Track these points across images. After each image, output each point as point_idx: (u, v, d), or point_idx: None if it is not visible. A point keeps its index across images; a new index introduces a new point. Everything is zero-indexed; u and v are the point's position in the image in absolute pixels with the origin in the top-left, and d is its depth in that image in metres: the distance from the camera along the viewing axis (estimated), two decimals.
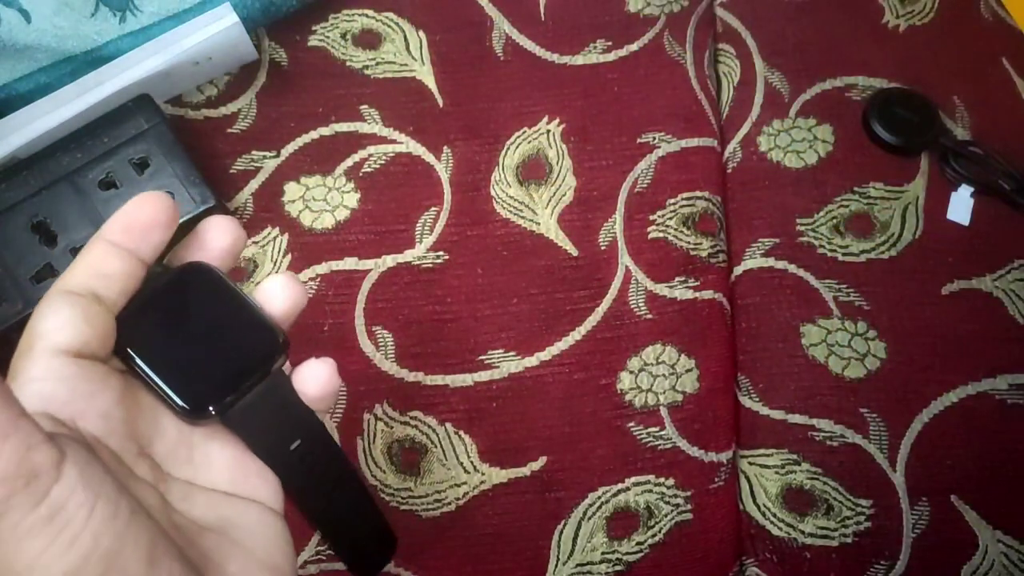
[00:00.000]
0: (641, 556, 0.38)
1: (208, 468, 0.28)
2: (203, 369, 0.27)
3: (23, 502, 0.20)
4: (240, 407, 0.27)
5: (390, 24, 0.43)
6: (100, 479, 0.21)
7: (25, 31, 0.37)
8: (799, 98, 0.43)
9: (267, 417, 0.28)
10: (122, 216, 0.27)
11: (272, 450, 0.28)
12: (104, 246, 0.26)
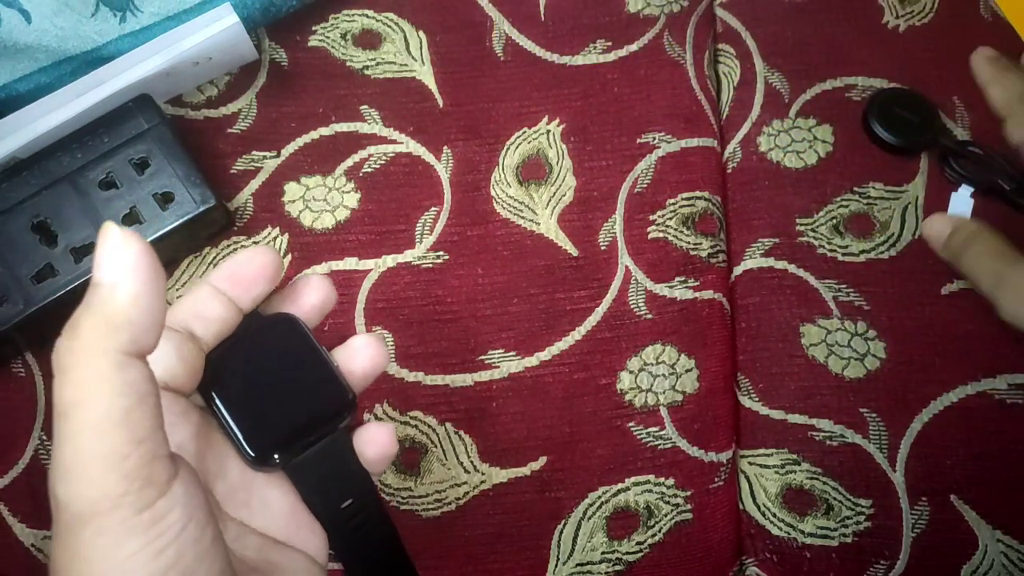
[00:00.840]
0: (641, 556, 0.38)
1: (264, 513, 0.29)
2: (274, 419, 0.28)
3: (133, 503, 0.21)
4: (302, 460, 0.28)
5: (390, 24, 0.43)
6: (197, 503, 0.23)
7: (25, 31, 0.37)
8: (799, 98, 0.43)
9: (325, 473, 0.29)
10: (231, 265, 0.29)
11: (324, 505, 0.29)
12: (209, 290, 0.28)
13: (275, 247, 0.40)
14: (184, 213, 0.37)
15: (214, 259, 0.40)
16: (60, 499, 0.22)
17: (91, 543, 0.22)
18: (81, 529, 0.22)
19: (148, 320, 0.22)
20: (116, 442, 0.21)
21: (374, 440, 0.30)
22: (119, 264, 0.22)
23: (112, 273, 0.22)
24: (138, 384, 0.22)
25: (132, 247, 0.22)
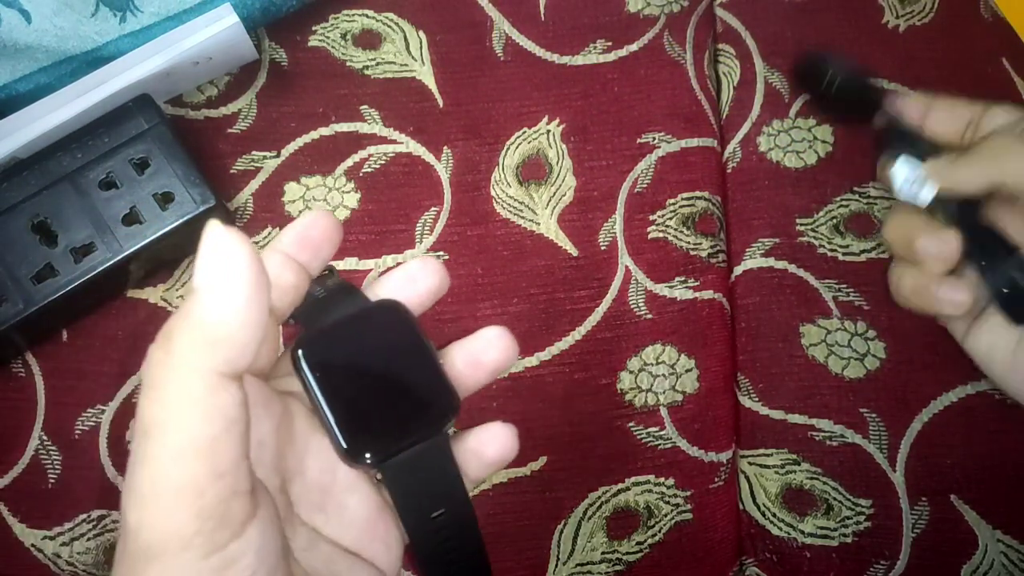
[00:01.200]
0: (641, 556, 0.38)
1: (339, 521, 0.27)
2: (373, 413, 0.26)
3: (203, 544, 0.19)
4: (397, 461, 0.26)
5: (390, 24, 0.43)
6: (271, 548, 0.21)
7: (25, 31, 0.37)
8: (799, 98, 0.43)
9: (420, 478, 0.27)
10: (297, 229, 0.27)
11: (415, 512, 0.27)
12: (280, 258, 0.26)
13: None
14: (184, 213, 0.37)
15: None
16: (131, 525, 0.20)
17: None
18: (147, 564, 0.20)
19: (248, 337, 0.20)
20: (195, 473, 0.19)
21: (497, 439, 0.28)
22: (221, 269, 0.19)
23: (213, 279, 0.19)
24: (228, 410, 0.20)
25: (236, 250, 0.19)
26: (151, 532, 0.20)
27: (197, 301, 0.20)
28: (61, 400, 0.39)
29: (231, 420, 0.20)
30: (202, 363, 0.19)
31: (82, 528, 0.38)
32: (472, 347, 0.29)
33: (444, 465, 0.27)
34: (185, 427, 0.19)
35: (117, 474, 0.38)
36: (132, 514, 0.20)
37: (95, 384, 0.39)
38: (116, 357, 0.39)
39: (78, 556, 0.37)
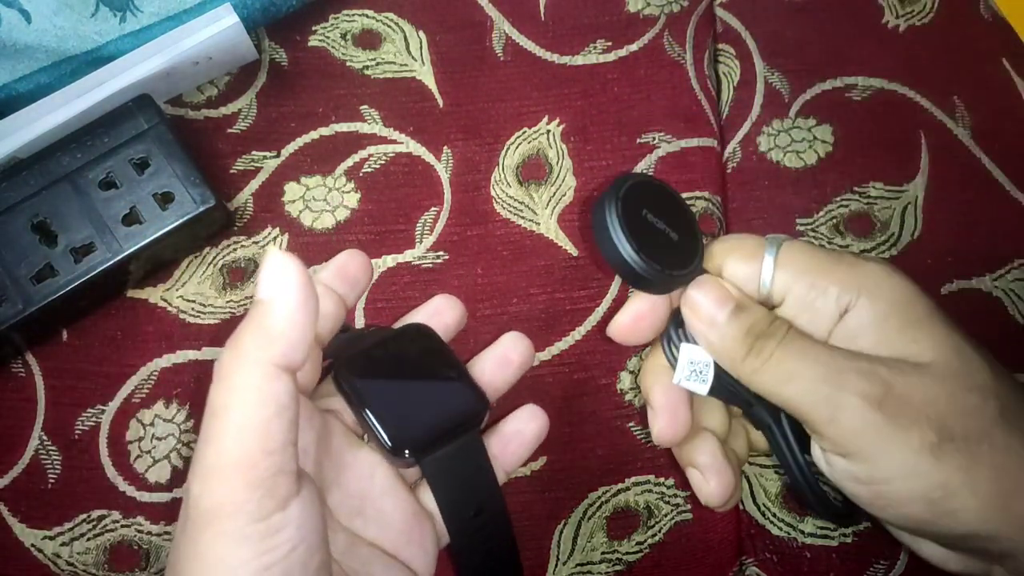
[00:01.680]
0: (641, 556, 0.38)
1: (377, 524, 0.30)
2: (412, 414, 0.29)
3: (252, 512, 0.23)
4: (437, 457, 0.29)
5: (390, 24, 0.43)
6: (312, 527, 0.24)
7: (25, 31, 0.37)
8: (799, 98, 0.43)
9: (457, 472, 0.30)
10: (336, 264, 0.33)
11: (454, 507, 0.30)
12: (322, 288, 0.31)
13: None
14: (184, 213, 0.37)
15: (214, 259, 0.40)
16: (193, 495, 0.23)
17: (210, 544, 0.23)
18: (204, 529, 0.23)
19: (299, 336, 0.24)
20: (250, 449, 0.23)
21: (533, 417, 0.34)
22: (277, 283, 0.24)
23: (271, 291, 0.24)
24: (280, 396, 0.23)
25: (290, 269, 0.24)
26: (210, 499, 0.23)
27: (259, 307, 0.24)
28: (61, 400, 0.39)
29: (282, 406, 0.23)
30: (261, 356, 0.23)
31: (82, 528, 0.38)
32: (497, 351, 0.35)
33: (479, 460, 0.31)
34: (245, 409, 0.23)
35: (117, 474, 0.38)
36: (196, 485, 0.23)
37: (95, 384, 0.39)
38: (116, 357, 0.39)
39: (78, 556, 0.37)
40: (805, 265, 0.33)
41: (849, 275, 0.32)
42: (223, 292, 0.40)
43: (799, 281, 0.33)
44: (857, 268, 0.32)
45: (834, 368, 0.31)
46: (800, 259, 0.33)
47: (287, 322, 0.23)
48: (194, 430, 0.39)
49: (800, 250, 0.33)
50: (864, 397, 0.30)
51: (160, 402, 0.39)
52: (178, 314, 0.39)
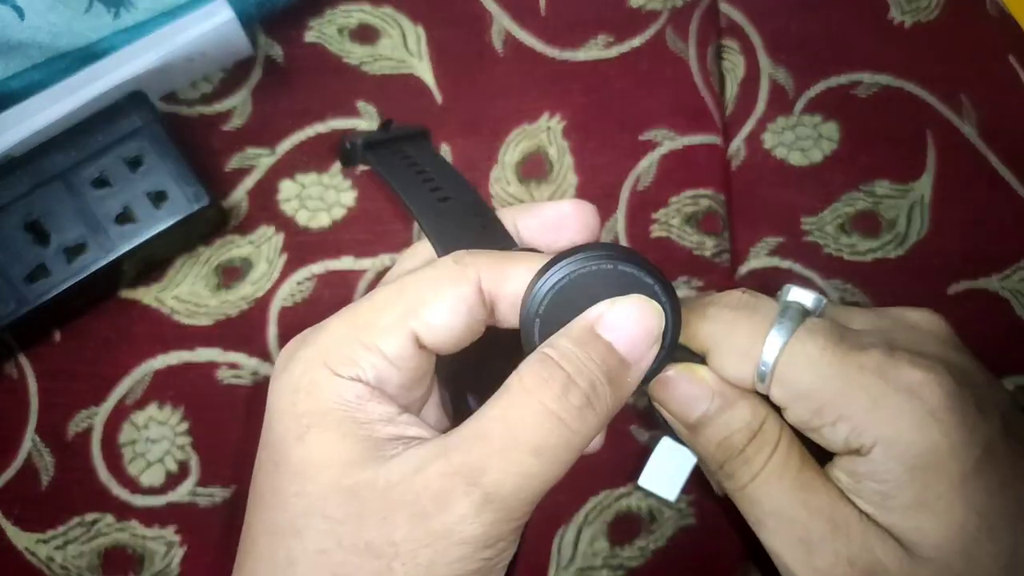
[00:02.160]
0: (643, 561, 0.37)
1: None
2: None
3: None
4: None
5: (387, 19, 0.42)
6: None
7: (19, 28, 0.37)
8: (804, 95, 0.42)
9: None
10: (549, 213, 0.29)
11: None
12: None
13: (271, 246, 0.40)
14: (178, 212, 0.36)
15: (208, 259, 0.40)
16: None
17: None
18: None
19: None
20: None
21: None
22: None
23: None
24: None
25: None
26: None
27: None
28: (54, 402, 0.38)
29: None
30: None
31: (75, 532, 0.37)
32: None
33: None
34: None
35: (110, 477, 0.38)
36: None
37: (88, 385, 0.38)
38: (109, 358, 0.38)
39: (72, 560, 0.37)
40: (813, 383, 0.26)
41: (869, 414, 0.25)
42: (217, 292, 0.39)
43: (802, 403, 0.26)
44: (883, 404, 0.25)
45: (821, 526, 0.26)
46: (807, 374, 0.26)
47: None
48: (189, 432, 0.38)
49: (811, 356, 0.26)
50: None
51: (154, 404, 0.38)
52: (171, 315, 0.39)
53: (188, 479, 0.38)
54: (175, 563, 0.37)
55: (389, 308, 0.23)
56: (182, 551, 0.37)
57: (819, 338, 0.26)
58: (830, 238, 0.41)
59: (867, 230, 0.41)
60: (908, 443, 0.24)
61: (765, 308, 0.27)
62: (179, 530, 0.37)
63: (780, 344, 0.26)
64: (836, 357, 0.25)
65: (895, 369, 0.25)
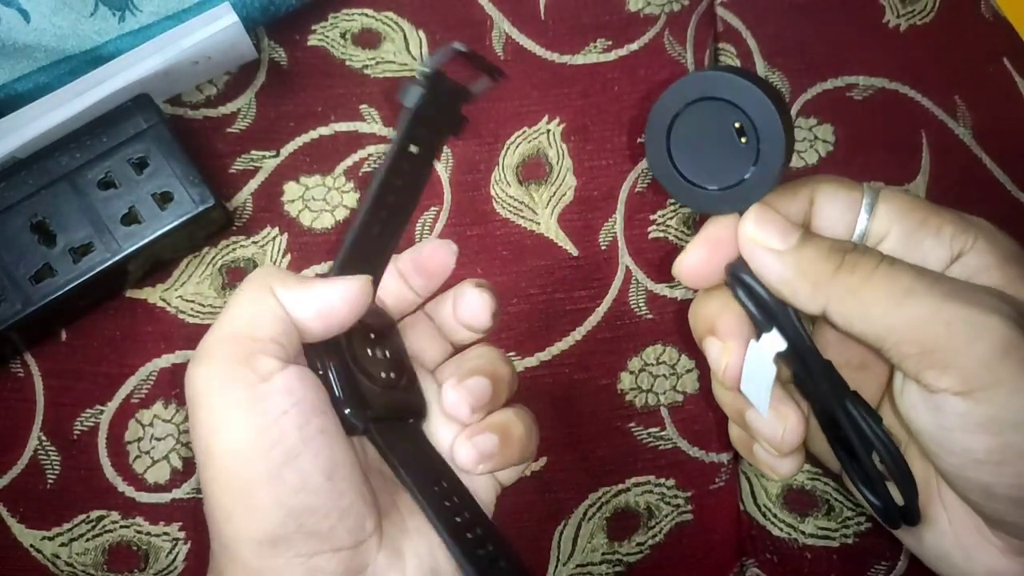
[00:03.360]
0: (641, 557, 0.38)
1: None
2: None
3: (239, 380, 0.25)
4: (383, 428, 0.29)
5: (390, 23, 0.43)
6: (299, 398, 0.26)
7: (24, 31, 0.37)
8: (800, 98, 0.43)
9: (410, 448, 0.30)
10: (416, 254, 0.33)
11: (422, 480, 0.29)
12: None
13: (275, 247, 0.40)
14: (183, 213, 0.37)
15: (213, 259, 0.40)
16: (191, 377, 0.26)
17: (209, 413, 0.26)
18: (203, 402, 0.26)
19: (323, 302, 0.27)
20: (237, 331, 0.26)
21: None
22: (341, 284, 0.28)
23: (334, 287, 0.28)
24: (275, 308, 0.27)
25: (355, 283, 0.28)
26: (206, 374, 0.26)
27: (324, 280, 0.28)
28: (60, 400, 0.39)
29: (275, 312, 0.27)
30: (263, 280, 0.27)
31: (81, 529, 0.37)
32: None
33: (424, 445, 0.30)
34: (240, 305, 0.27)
35: (116, 474, 0.38)
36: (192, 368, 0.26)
37: (94, 384, 0.39)
38: (115, 357, 0.39)
39: (77, 557, 0.37)
40: (911, 205, 0.29)
41: (962, 220, 0.29)
42: (222, 292, 0.40)
43: (906, 220, 0.29)
44: (966, 216, 0.30)
45: (963, 287, 0.27)
46: (905, 200, 0.30)
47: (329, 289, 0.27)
48: None
49: (902, 195, 0.30)
50: (1009, 320, 0.26)
51: (159, 402, 0.39)
52: (177, 314, 0.39)
53: (193, 476, 0.38)
54: (179, 559, 0.37)
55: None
56: (187, 548, 0.38)
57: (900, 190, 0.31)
58: None
59: None
60: (1001, 236, 0.29)
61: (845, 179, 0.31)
62: (184, 527, 0.38)
63: (875, 191, 0.30)
64: (919, 198, 0.30)
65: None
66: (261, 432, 0.25)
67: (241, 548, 0.26)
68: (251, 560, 0.26)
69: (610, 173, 0.42)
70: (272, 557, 0.26)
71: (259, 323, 0.26)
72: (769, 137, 0.28)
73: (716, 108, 0.29)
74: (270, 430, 0.25)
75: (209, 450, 0.26)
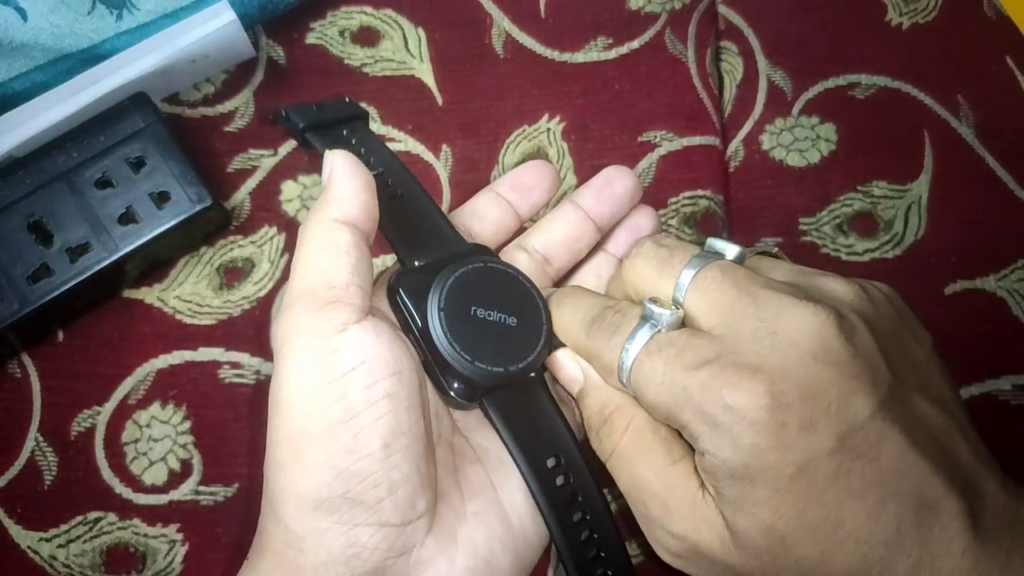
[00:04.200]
0: (643, 559, 0.37)
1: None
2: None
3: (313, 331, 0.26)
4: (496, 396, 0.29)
5: (389, 21, 0.43)
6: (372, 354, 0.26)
7: (22, 29, 0.37)
8: (802, 96, 0.43)
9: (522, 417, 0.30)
10: (514, 173, 0.35)
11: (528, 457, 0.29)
12: (491, 195, 0.35)
13: (273, 246, 0.40)
14: (180, 212, 0.37)
15: (210, 259, 0.40)
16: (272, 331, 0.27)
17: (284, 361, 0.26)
18: (280, 351, 0.27)
19: (348, 195, 0.28)
20: (312, 283, 0.27)
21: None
22: (328, 168, 0.29)
23: (327, 175, 0.29)
24: (339, 243, 0.27)
25: (336, 156, 0.29)
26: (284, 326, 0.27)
27: (321, 189, 0.29)
28: (57, 401, 0.38)
29: (341, 250, 0.27)
30: (323, 214, 0.28)
31: (79, 530, 0.37)
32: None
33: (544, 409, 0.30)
34: (310, 253, 0.27)
35: (113, 476, 0.38)
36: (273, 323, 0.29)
37: (91, 385, 0.38)
38: (112, 358, 0.39)
39: (74, 558, 0.37)
40: (655, 400, 0.28)
41: (696, 427, 0.27)
42: (220, 292, 0.39)
43: (652, 411, 0.29)
44: (705, 421, 0.26)
45: (656, 507, 0.29)
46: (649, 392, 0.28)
47: (337, 186, 0.28)
48: (191, 431, 0.38)
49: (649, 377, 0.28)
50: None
51: (156, 403, 0.38)
52: (174, 314, 0.39)
53: (190, 478, 0.38)
54: (177, 561, 0.37)
55: None
56: (184, 550, 0.37)
57: (660, 358, 0.28)
58: (828, 239, 0.41)
59: (864, 231, 0.41)
60: (724, 459, 0.26)
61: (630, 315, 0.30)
62: (181, 529, 0.37)
63: (631, 359, 0.28)
64: (669, 376, 0.27)
65: (719, 389, 0.26)
66: (325, 386, 0.25)
67: (285, 504, 0.26)
68: (292, 519, 0.25)
69: None
70: (313, 519, 0.25)
71: (330, 268, 0.27)
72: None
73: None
74: (334, 385, 0.25)
75: (276, 400, 0.26)
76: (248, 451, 0.38)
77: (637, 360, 0.28)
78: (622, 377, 0.29)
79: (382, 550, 0.25)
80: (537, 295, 0.31)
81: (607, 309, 0.30)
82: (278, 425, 0.26)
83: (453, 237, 0.32)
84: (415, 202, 0.32)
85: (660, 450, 0.29)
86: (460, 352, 0.28)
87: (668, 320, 0.28)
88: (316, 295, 0.26)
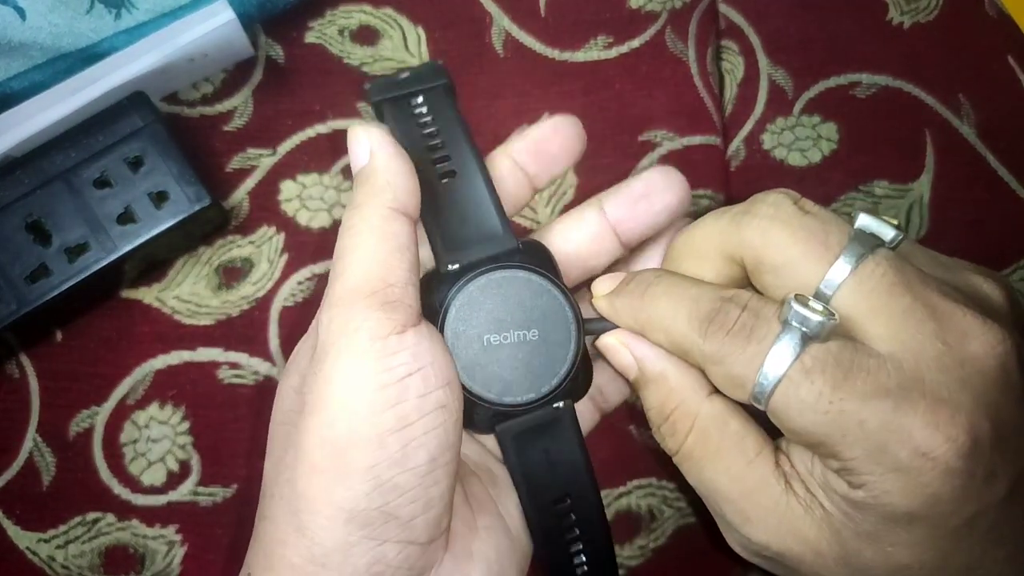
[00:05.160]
0: (643, 560, 0.37)
1: None
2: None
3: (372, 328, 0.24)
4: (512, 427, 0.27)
5: (388, 20, 0.43)
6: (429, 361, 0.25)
7: (20, 29, 0.37)
8: (803, 95, 0.43)
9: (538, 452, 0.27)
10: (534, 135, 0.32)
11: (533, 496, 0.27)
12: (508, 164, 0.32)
13: (271, 246, 0.40)
14: (179, 212, 0.37)
15: (209, 259, 0.40)
16: (322, 324, 0.25)
17: (335, 361, 0.24)
18: (331, 349, 0.24)
19: (403, 182, 0.26)
20: (372, 277, 0.25)
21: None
22: (367, 147, 0.27)
23: (366, 155, 0.27)
24: (400, 236, 0.26)
25: (373, 133, 0.27)
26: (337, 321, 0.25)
27: (362, 173, 0.27)
28: (55, 401, 0.38)
29: (402, 245, 0.25)
30: (377, 202, 0.26)
31: (77, 531, 0.37)
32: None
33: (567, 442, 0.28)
34: (368, 245, 0.25)
35: (112, 476, 0.38)
36: (324, 315, 0.25)
37: (89, 385, 0.38)
38: (110, 358, 0.38)
39: (73, 559, 0.37)
40: (807, 428, 0.23)
41: (863, 464, 0.22)
42: (218, 292, 0.39)
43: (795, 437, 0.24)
44: (880, 460, 0.22)
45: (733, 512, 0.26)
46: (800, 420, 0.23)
47: (389, 171, 0.26)
48: (190, 432, 0.38)
49: (804, 402, 0.23)
50: None
51: (155, 404, 0.38)
52: (173, 315, 0.39)
53: (189, 478, 0.38)
54: (176, 562, 0.37)
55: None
56: (183, 550, 0.37)
57: (822, 380, 0.22)
58: None
59: None
60: (890, 503, 0.22)
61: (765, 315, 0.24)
62: (180, 529, 0.37)
63: (777, 376, 0.23)
64: (837, 406, 0.22)
65: (909, 429, 0.22)
66: (379, 389, 0.24)
67: (318, 513, 0.23)
68: (322, 530, 0.23)
69: (611, 171, 0.41)
70: (345, 532, 0.23)
71: (391, 263, 0.25)
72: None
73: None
74: (388, 389, 0.24)
75: (320, 398, 0.24)
76: (247, 452, 0.38)
77: (788, 378, 0.23)
78: (758, 395, 0.24)
79: (404, 569, 0.24)
80: (565, 299, 0.28)
81: (727, 303, 0.25)
82: (316, 426, 0.24)
83: (501, 232, 0.29)
84: (468, 184, 0.29)
85: (731, 450, 0.25)
86: (470, 385, 0.26)
87: (825, 329, 0.23)
88: (375, 291, 0.24)
